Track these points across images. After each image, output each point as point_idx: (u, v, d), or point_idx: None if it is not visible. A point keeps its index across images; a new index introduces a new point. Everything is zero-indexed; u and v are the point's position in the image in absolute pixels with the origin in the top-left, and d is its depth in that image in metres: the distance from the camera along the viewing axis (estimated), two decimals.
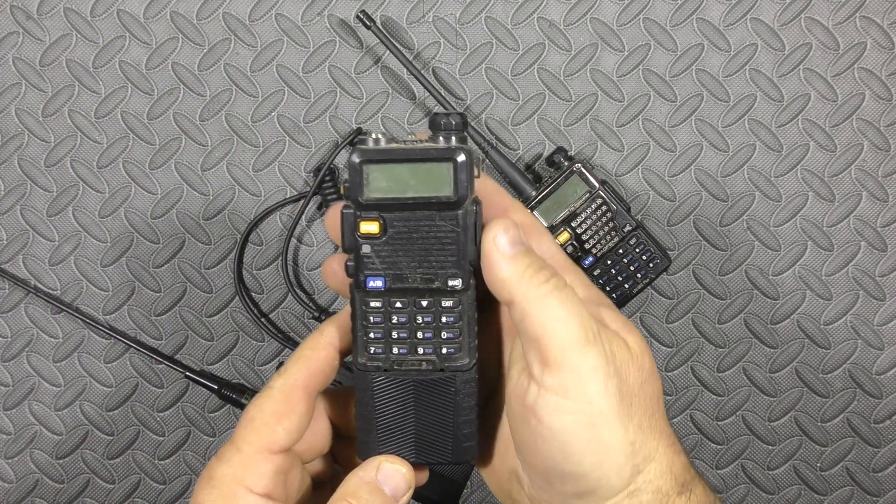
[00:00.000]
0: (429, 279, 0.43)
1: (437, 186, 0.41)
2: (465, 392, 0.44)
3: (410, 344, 0.44)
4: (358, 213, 0.42)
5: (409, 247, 0.42)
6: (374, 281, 0.43)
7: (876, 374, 0.70)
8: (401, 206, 0.42)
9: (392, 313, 0.43)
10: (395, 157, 0.41)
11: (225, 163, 0.70)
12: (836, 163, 0.70)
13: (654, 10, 0.70)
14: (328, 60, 0.70)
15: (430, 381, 0.44)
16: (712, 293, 0.70)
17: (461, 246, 0.42)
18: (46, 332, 0.70)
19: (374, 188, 0.42)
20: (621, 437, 0.38)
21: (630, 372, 0.40)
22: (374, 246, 0.42)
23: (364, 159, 0.41)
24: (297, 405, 0.43)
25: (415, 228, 0.42)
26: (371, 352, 0.44)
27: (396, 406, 0.44)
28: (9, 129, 0.70)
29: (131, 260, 0.70)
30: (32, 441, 0.71)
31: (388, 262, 0.43)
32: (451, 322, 0.43)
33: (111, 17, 0.70)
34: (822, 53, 0.70)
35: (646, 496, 0.39)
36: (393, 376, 0.44)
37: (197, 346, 0.71)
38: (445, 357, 0.44)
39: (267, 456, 0.42)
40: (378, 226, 0.42)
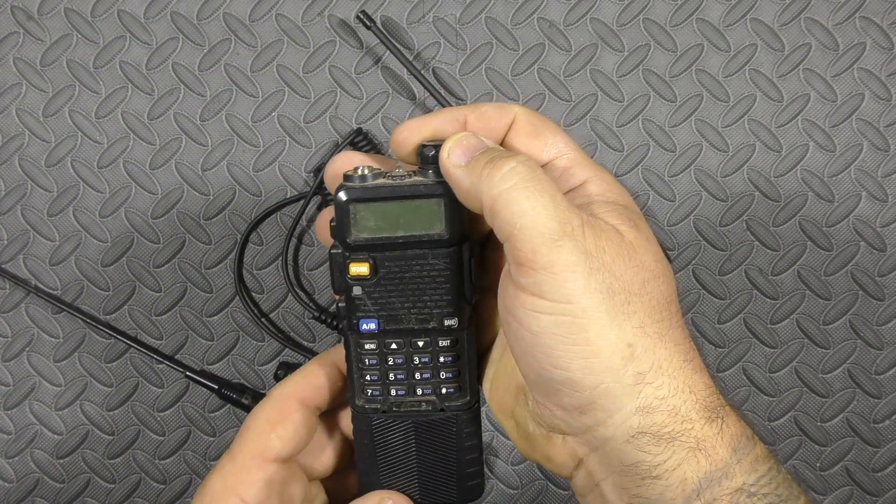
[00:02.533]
0: (424, 319, 0.41)
1: (428, 224, 0.39)
2: (467, 431, 0.43)
3: (408, 385, 0.42)
4: (347, 255, 0.40)
5: (402, 287, 0.40)
6: (368, 323, 0.41)
7: (876, 374, 0.70)
8: (391, 245, 0.40)
9: (388, 355, 0.42)
10: (384, 195, 0.39)
11: (225, 163, 0.71)
12: (835, 163, 0.70)
13: (654, 10, 0.70)
14: (328, 60, 0.70)
15: (430, 421, 0.42)
16: (712, 293, 0.70)
17: (456, 284, 0.40)
18: (47, 331, 0.70)
19: (362, 228, 0.40)
20: (614, 336, 0.34)
21: (624, 268, 0.35)
22: (366, 287, 0.41)
23: (351, 198, 0.39)
24: (292, 414, 0.42)
25: (407, 268, 0.40)
26: (368, 394, 0.42)
27: (398, 447, 0.43)
28: (9, 129, 0.70)
29: (131, 260, 0.70)
30: (33, 441, 0.71)
31: (380, 303, 0.41)
32: (449, 362, 0.42)
33: (111, 17, 0.70)
34: (821, 54, 0.70)
35: (660, 416, 0.35)
36: (392, 418, 0.42)
37: (197, 346, 0.71)
38: (445, 397, 0.42)
39: (260, 463, 0.41)
40: (368, 267, 0.40)
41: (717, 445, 0.35)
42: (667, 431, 0.34)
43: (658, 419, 0.35)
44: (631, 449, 0.35)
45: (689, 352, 0.37)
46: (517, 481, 0.71)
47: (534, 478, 0.71)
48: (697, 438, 0.34)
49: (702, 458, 0.34)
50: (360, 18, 0.67)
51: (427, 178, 0.40)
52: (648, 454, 0.35)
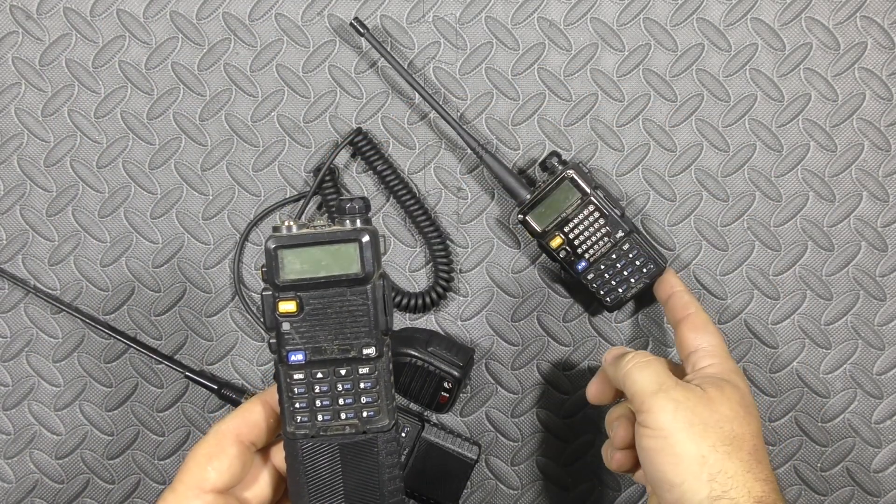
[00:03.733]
0: (345, 349, 0.47)
1: (346, 265, 0.46)
2: (387, 451, 0.48)
3: (333, 410, 0.47)
4: (276, 294, 0.46)
5: (325, 321, 0.46)
6: (296, 355, 0.47)
7: (876, 375, 0.70)
8: (315, 285, 0.46)
9: (314, 383, 0.47)
10: (306, 241, 0.46)
11: (225, 163, 0.70)
12: (836, 163, 0.70)
13: (654, 10, 0.70)
14: (328, 60, 0.70)
15: (354, 443, 0.48)
16: (712, 293, 0.70)
17: (372, 317, 0.46)
18: (46, 332, 0.70)
19: (289, 270, 0.46)
20: (693, 449, 0.51)
21: (703, 410, 0.53)
22: (293, 323, 0.46)
23: (278, 245, 0.46)
24: (227, 448, 0.47)
25: (329, 304, 0.46)
26: (298, 420, 0.47)
27: (325, 469, 0.48)
28: (8, 129, 0.70)
29: (131, 260, 0.70)
30: (32, 441, 0.71)
31: (306, 336, 0.47)
32: (368, 387, 0.47)
33: (111, 16, 0.70)
34: (822, 53, 0.70)
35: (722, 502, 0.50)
36: (319, 442, 0.48)
37: (197, 346, 0.71)
38: (367, 420, 0.48)
39: (198, 493, 0.46)
40: (295, 304, 0.46)
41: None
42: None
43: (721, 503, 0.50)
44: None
45: (755, 468, 0.52)
46: (517, 481, 0.71)
47: (534, 478, 0.70)
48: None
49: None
50: (354, 26, 0.68)
51: (345, 227, 0.46)
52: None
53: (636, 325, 0.70)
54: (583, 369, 0.70)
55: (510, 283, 0.70)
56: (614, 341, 0.70)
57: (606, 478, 0.70)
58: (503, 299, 0.70)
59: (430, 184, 0.70)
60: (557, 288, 0.70)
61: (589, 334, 0.70)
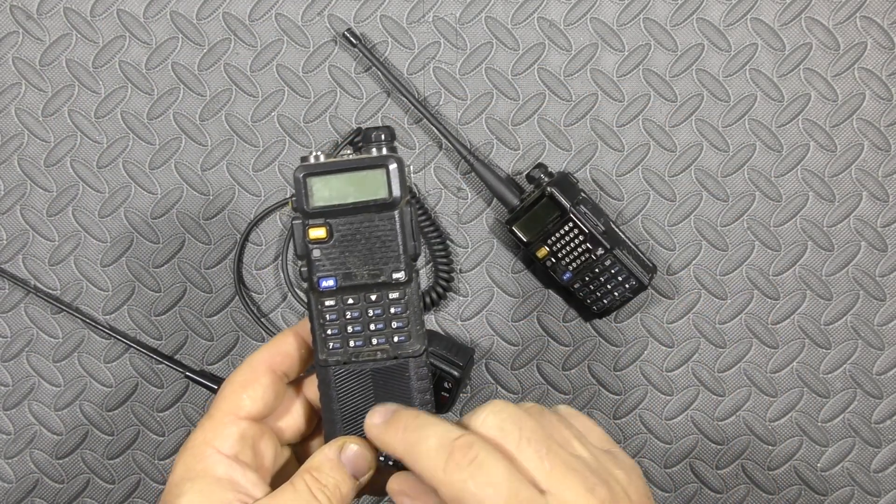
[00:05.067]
0: (375, 274, 0.47)
1: (373, 190, 0.46)
2: (418, 376, 0.48)
3: (365, 336, 0.48)
4: (306, 222, 0.46)
5: (355, 247, 0.47)
6: (327, 281, 0.47)
7: (876, 375, 0.70)
8: (343, 211, 0.46)
9: (345, 309, 0.47)
10: (334, 168, 0.46)
11: (225, 163, 0.70)
12: (836, 163, 0.70)
13: (654, 10, 0.70)
14: (328, 60, 0.70)
15: (385, 368, 0.48)
16: (712, 293, 0.70)
17: (400, 241, 0.47)
18: (46, 332, 0.70)
19: (318, 198, 0.46)
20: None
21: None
22: (324, 249, 0.47)
23: (307, 173, 0.46)
24: (261, 377, 0.48)
25: (358, 230, 0.47)
26: (330, 347, 0.48)
27: (357, 395, 0.48)
28: (9, 129, 0.70)
29: (131, 260, 0.70)
30: (32, 441, 0.71)
31: (336, 262, 0.47)
32: (399, 312, 0.47)
33: (111, 16, 0.70)
34: (822, 53, 0.70)
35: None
36: (351, 368, 0.48)
37: (197, 346, 0.71)
38: (398, 345, 0.48)
39: (234, 420, 0.47)
40: (325, 231, 0.47)
41: None
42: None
43: None
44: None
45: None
46: None
47: None
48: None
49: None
50: (347, 37, 0.68)
51: (371, 154, 0.47)
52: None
53: (636, 325, 0.70)
54: (583, 369, 0.70)
55: (510, 283, 0.70)
56: (614, 341, 0.70)
57: None
58: (503, 299, 0.70)
59: (430, 184, 0.70)
60: (556, 289, 0.70)
61: (589, 334, 0.70)
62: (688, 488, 0.70)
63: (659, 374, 0.70)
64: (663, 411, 0.70)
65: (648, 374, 0.70)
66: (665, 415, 0.70)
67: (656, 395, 0.70)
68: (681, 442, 0.70)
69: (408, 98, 0.68)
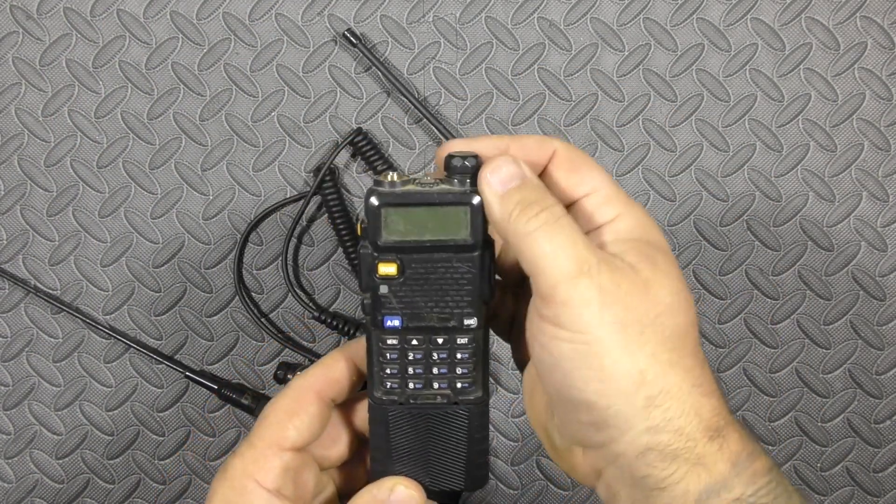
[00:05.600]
0: (445, 318, 0.44)
1: (454, 230, 0.42)
2: (478, 424, 0.45)
3: (426, 379, 0.45)
4: (376, 255, 0.42)
5: (426, 287, 0.43)
6: (392, 320, 0.44)
7: (876, 375, 0.70)
8: (419, 248, 0.42)
9: (408, 350, 0.44)
10: (413, 200, 0.42)
11: (225, 163, 0.70)
12: (836, 163, 0.70)
13: (654, 10, 0.70)
14: (328, 60, 0.70)
15: (444, 414, 0.45)
16: (712, 293, 0.70)
17: (477, 286, 0.43)
18: (46, 332, 0.70)
19: (392, 231, 0.42)
20: (627, 363, 0.38)
21: (638, 302, 0.38)
22: (392, 286, 0.43)
23: (382, 203, 0.42)
24: (308, 406, 0.45)
25: (432, 270, 0.43)
26: (387, 386, 0.45)
27: (412, 437, 0.45)
28: (9, 129, 0.70)
29: (131, 260, 0.70)
30: (32, 441, 0.71)
31: (405, 301, 0.43)
32: (465, 358, 0.44)
33: (111, 16, 0.70)
34: (822, 53, 0.70)
35: (667, 435, 0.38)
36: (408, 409, 0.45)
37: (197, 346, 0.71)
38: (460, 391, 0.45)
39: (277, 452, 0.44)
40: (396, 267, 0.43)
41: (718, 461, 0.39)
42: (672, 449, 0.38)
43: (664, 438, 0.38)
44: (640, 464, 0.39)
45: (700, 377, 0.40)
46: (517, 481, 0.71)
47: (534, 478, 0.70)
48: (699, 455, 0.38)
49: (702, 472, 0.38)
50: (347, 37, 0.68)
51: (453, 186, 0.42)
52: (656, 469, 0.38)
53: None
54: None
55: None
56: None
57: None
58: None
59: None
60: None
61: None
62: None
63: None
64: None
65: None
66: None
67: None
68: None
69: (408, 98, 0.68)
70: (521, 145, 0.43)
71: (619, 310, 0.38)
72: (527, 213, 0.39)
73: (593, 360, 0.38)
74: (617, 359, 0.38)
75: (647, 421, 0.38)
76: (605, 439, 0.39)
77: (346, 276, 0.70)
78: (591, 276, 0.38)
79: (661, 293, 0.39)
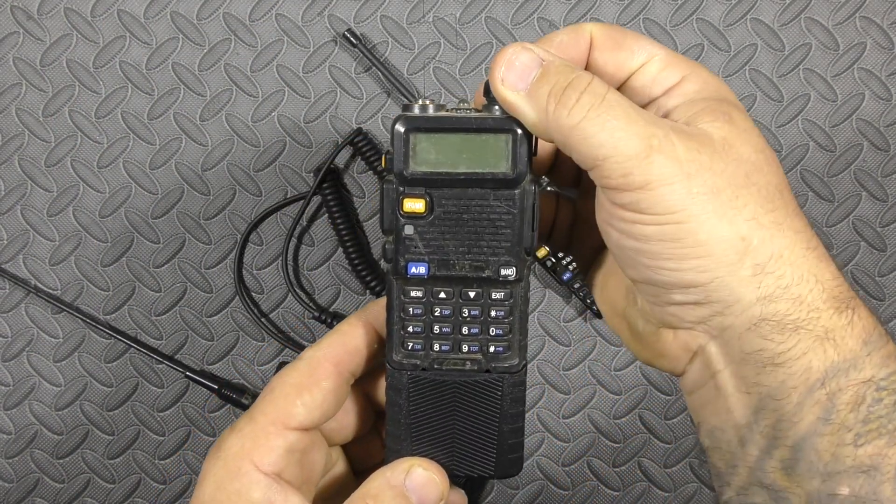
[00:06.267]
0: (478, 267, 0.38)
1: (493, 161, 0.37)
2: (512, 397, 0.40)
3: (454, 340, 0.39)
4: (401, 189, 0.37)
5: (458, 229, 0.38)
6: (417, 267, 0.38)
7: None
8: (451, 182, 0.37)
9: (434, 305, 0.38)
10: (447, 125, 0.37)
11: (225, 162, 0.70)
12: (835, 163, 0.70)
13: (654, 10, 0.70)
14: (328, 60, 0.70)
15: (473, 382, 0.39)
16: None
17: (517, 230, 0.37)
18: (47, 331, 0.70)
19: (421, 161, 0.37)
20: (726, 232, 0.33)
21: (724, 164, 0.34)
22: (419, 227, 0.37)
23: (411, 127, 0.37)
24: (322, 380, 0.39)
25: (465, 208, 0.37)
26: (408, 348, 0.39)
27: (434, 410, 0.40)
28: (9, 129, 0.70)
29: (131, 260, 0.70)
30: (32, 441, 0.71)
31: (433, 245, 0.38)
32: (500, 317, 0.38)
33: (111, 17, 0.70)
34: (821, 53, 0.70)
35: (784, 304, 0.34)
36: (432, 376, 0.39)
37: (197, 346, 0.71)
38: (492, 356, 0.39)
39: (280, 430, 0.38)
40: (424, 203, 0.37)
41: (847, 336, 0.34)
42: (791, 320, 0.34)
43: (782, 308, 0.34)
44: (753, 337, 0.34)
45: (812, 240, 0.35)
46: (517, 481, 0.71)
47: (534, 478, 0.71)
48: (825, 328, 0.34)
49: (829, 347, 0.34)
50: (347, 37, 0.68)
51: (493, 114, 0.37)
52: (772, 342, 0.34)
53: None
54: (582, 369, 0.70)
55: None
56: (615, 341, 0.70)
57: (607, 478, 0.71)
58: None
59: None
60: (556, 288, 0.70)
61: (589, 334, 0.70)
62: (688, 488, 0.70)
63: (659, 373, 0.70)
64: (664, 411, 0.70)
65: (648, 373, 0.70)
66: (665, 414, 0.70)
67: (656, 395, 0.70)
68: (681, 441, 0.70)
69: (408, 98, 0.68)
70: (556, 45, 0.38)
71: (707, 177, 0.33)
72: (565, 104, 0.34)
73: (687, 237, 0.33)
74: (714, 230, 0.33)
75: (759, 290, 0.33)
76: (708, 314, 0.35)
77: (346, 276, 0.71)
78: (664, 150, 0.33)
79: (745, 151, 0.35)
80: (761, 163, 0.35)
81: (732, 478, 0.36)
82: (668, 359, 0.38)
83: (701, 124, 0.35)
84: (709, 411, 0.36)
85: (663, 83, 0.37)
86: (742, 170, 0.34)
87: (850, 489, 0.33)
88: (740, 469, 0.35)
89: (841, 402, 0.33)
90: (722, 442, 0.36)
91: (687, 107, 0.36)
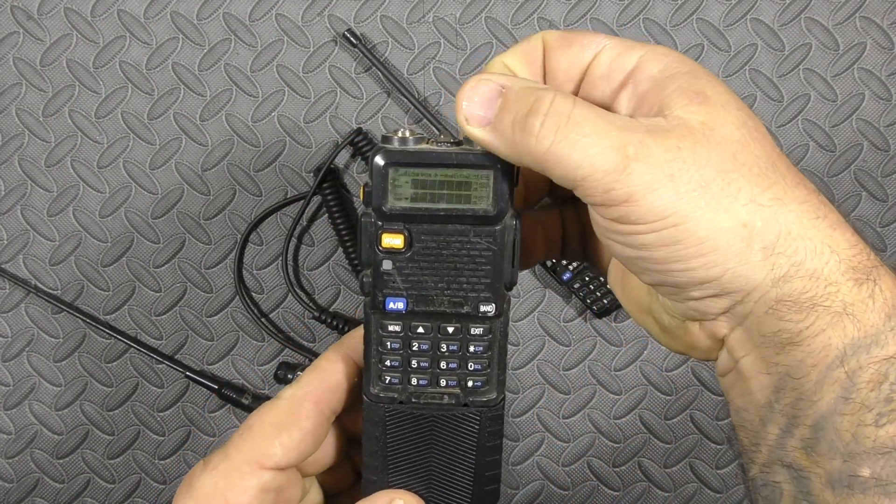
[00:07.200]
0: (457, 303, 0.38)
1: (473, 198, 0.36)
2: (490, 430, 0.40)
3: (432, 374, 0.39)
4: (380, 224, 0.37)
5: (438, 265, 0.37)
6: (395, 302, 0.38)
7: None
8: (430, 218, 0.36)
9: (412, 339, 0.38)
10: (427, 160, 0.36)
11: (225, 162, 0.70)
12: (836, 163, 0.70)
13: (654, 10, 0.70)
14: (328, 60, 0.70)
15: (451, 416, 0.39)
16: None
17: (497, 266, 0.37)
18: (47, 331, 0.70)
19: (400, 196, 0.36)
20: (725, 222, 0.32)
21: (708, 152, 0.33)
22: (397, 262, 0.37)
23: (390, 161, 0.36)
24: (302, 420, 0.39)
25: (445, 244, 0.37)
26: (386, 381, 0.39)
27: (412, 443, 0.40)
28: (9, 129, 0.70)
29: (131, 260, 0.70)
30: (33, 441, 0.71)
31: (411, 281, 0.37)
32: (479, 352, 0.38)
33: (111, 17, 0.70)
34: (821, 53, 0.70)
35: (799, 282, 0.32)
36: (410, 409, 0.39)
37: (197, 346, 0.71)
38: (471, 391, 0.39)
39: (255, 470, 0.38)
40: (402, 239, 0.37)
41: (868, 311, 0.32)
42: (808, 297, 0.32)
43: (797, 286, 0.32)
44: (771, 319, 0.33)
45: (820, 208, 0.33)
46: (517, 481, 0.71)
47: (533, 478, 0.71)
48: (844, 303, 0.32)
49: (849, 323, 0.32)
50: (347, 37, 0.68)
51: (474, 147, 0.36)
52: (790, 322, 0.33)
53: (636, 325, 0.70)
54: (582, 369, 0.70)
55: None
56: (614, 341, 0.70)
57: (607, 478, 0.71)
58: None
59: None
60: (556, 288, 0.70)
61: (588, 334, 0.70)
62: (688, 488, 0.70)
63: (658, 373, 0.70)
64: (663, 411, 0.70)
65: (648, 373, 0.70)
66: (665, 414, 0.70)
67: (656, 395, 0.70)
68: (681, 441, 0.70)
69: (408, 98, 0.68)
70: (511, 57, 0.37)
71: (692, 172, 0.32)
72: (530, 132, 0.33)
73: (687, 237, 0.32)
74: (712, 223, 0.32)
75: (773, 272, 0.32)
76: (729, 304, 0.34)
77: (346, 276, 0.71)
78: (641, 157, 0.32)
79: (727, 130, 0.34)
80: (747, 139, 0.34)
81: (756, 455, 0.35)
82: (699, 350, 0.37)
83: (676, 111, 0.34)
84: (735, 393, 0.36)
85: (621, 68, 0.36)
86: (728, 152, 0.33)
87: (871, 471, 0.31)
88: (762, 447, 0.35)
89: (861, 381, 0.32)
90: (746, 421, 0.35)
91: (657, 90, 0.34)
